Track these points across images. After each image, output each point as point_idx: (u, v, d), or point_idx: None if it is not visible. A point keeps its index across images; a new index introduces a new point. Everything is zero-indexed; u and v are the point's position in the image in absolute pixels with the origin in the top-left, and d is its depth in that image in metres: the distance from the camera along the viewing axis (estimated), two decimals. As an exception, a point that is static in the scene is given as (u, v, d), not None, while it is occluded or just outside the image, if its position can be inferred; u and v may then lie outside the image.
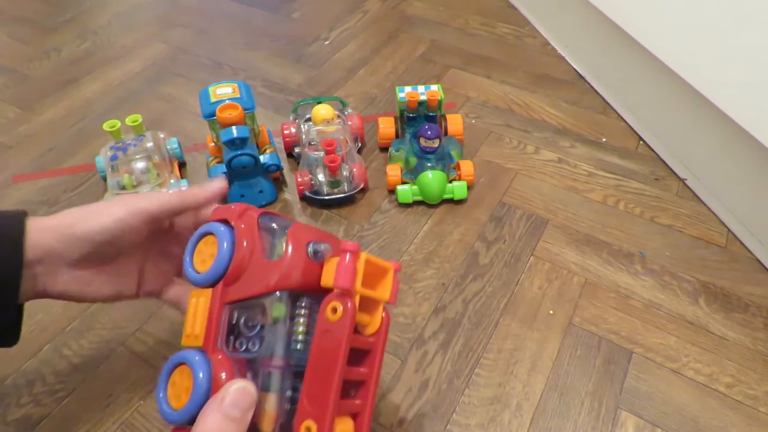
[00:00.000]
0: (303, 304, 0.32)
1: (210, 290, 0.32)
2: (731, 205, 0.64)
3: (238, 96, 0.62)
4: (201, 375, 0.29)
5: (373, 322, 0.33)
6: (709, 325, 0.54)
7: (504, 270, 0.59)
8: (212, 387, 0.29)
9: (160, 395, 0.31)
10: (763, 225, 0.60)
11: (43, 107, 0.82)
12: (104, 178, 0.67)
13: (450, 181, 0.66)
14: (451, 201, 0.66)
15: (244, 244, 0.32)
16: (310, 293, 0.32)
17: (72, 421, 0.47)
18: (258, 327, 0.31)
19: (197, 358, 0.30)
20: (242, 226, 0.32)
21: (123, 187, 0.62)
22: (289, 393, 0.31)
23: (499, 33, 0.98)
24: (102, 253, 0.36)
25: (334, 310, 0.30)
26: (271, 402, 0.30)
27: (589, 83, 0.86)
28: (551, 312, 0.55)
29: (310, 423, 0.28)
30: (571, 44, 0.91)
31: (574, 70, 0.89)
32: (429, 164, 0.64)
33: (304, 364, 0.30)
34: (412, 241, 0.62)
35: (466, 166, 0.66)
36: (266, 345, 0.30)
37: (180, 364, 0.31)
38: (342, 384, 0.29)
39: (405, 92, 0.69)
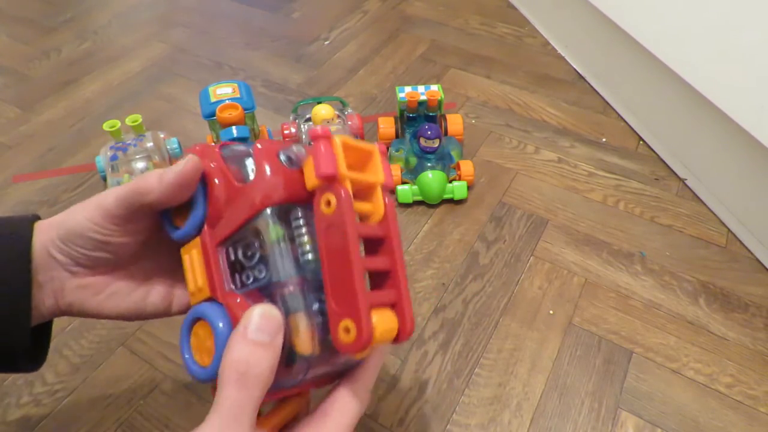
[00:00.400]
0: (299, 216, 0.30)
1: (198, 240, 0.31)
2: (731, 205, 0.64)
3: (238, 96, 0.62)
4: (220, 324, 0.28)
5: (376, 210, 0.30)
6: (709, 325, 0.54)
7: (504, 270, 0.59)
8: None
9: (186, 356, 0.30)
10: (763, 225, 0.60)
11: (43, 107, 0.82)
12: (104, 178, 0.67)
13: (450, 181, 0.66)
14: (451, 201, 0.66)
15: (216, 181, 0.30)
16: (301, 205, 0.30)
17: (72, 421, 0.47)
18: (258, 254, 0.29)
19: (210, 308, 0.29)
20: (211, 165, 0.30)
21: (123, 187, 0.62)
22: (316, 306, 0.28)
23: (499, 33, 0.98)
24: (93, 257, 0.31)
25: (328, 203, 0.28)
26: (302, 321, 0.28)
27: (589, 83, 0.86)
28: (551, 312, 0.55)
29: (346, 322, 0.26)
30: (571, 44, 0.91)
31: (574, 70, 0.89)
32: (429, 164, 0.64)
33: (320, 275, 0.28)
34: (412, 241, 0.62)
35: (466, 166, 0.66)
36: (274, 267, 0.28)
37: (197, 320, 0.30)
38: (366, 276, 0.28)
39: (405, 92, 0.69)
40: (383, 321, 0.27)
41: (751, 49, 0.55)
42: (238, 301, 0.29)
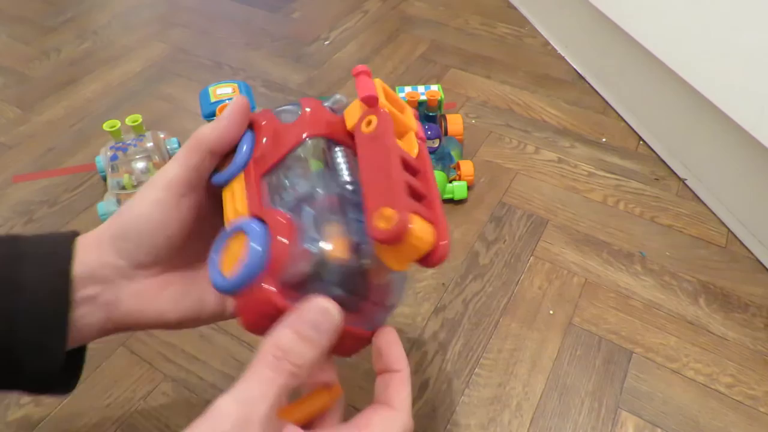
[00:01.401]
0: (338, 150, 0.31)
1: (241, 175, 0.31)
2: (731, 205, 0.64)
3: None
4: (256, 228, 0.27)
5: (409, 150, 0.31)
6: (709, 325, 0.54)
7: (504, 270, 0.59)
8: (272, 250, 0.27)
9: (213, 261, 0.29)
10: (763, 225, 0.60)
11: (43, 107, 0.82)
12: (104, 178, 0.68)
13: (450, 181, 0.66)
14: (451, 201, 0.66)
15: (263, 123, 0.31)
16: (341, 144, 0.31)
17: (72, 421, 0.47)
18: (299, 177, 0.29)
19: (248, 222, 0.28)
20: (262, 122, 0.32)
21: (123, 187, 0.62)
22: (353, 216, 0.28)
23: (499, 33, 0.98)
24: (155, 246, 0.30)
25: (369, 122, 0.29)
26: (337, 227, 0.27)
27: (589, 83, 0.86)
28: (551, 312, 0.55)
29: (383, 210, 0.25)
30: (571, 44, 0.91)
31: (574, 70, 0.89)
32: (429, 164, 0.64)
33: (359, 197, 0.28)
34: (412, 241, 0.62)
35: (466, 166, 0.66)
36: (313, 183, 0.29)
37: (232, 236, 0.29)
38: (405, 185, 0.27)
39: (405, 92, 0.69)
40: (421, 226, 0.26)
41: (751, 49, 0.55)
42: (279, 218, 0.28)
